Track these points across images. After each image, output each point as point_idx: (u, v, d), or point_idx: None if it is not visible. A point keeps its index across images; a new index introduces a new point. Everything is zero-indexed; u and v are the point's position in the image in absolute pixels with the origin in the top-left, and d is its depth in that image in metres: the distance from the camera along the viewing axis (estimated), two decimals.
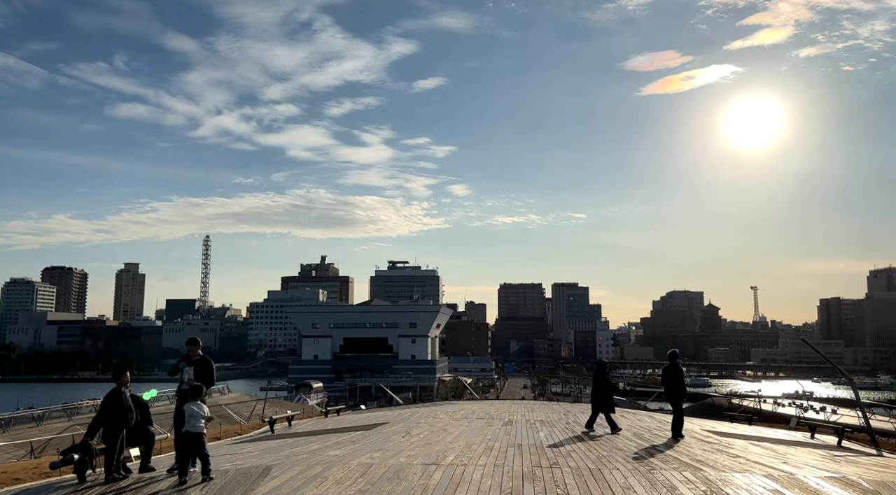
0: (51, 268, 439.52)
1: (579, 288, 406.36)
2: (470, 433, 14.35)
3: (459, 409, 22.20)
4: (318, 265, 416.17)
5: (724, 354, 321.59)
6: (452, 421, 17.84)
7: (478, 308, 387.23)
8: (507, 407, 23.93)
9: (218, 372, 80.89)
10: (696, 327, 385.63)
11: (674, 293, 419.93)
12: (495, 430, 15.03)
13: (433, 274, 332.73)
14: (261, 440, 16.77)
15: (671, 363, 15.53)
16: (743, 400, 74.40)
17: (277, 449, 12.69)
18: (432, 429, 15.31)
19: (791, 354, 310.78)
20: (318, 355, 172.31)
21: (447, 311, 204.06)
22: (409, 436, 13.73)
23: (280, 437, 16.95)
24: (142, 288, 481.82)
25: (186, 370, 12.27)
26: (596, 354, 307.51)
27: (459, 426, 16.44)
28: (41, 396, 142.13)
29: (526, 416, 19.64)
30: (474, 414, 20.00)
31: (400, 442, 12.36)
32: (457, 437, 13.47)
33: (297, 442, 14.56)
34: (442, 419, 18.60)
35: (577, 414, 20.54)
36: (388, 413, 23.31)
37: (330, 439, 14.31)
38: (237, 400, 72.47)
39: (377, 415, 22.11)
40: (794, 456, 12.39)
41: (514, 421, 17.84)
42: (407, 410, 22.88)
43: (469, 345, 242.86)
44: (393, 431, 15.15)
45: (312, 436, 15.55)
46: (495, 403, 27.61)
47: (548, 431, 15.10)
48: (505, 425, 16.78)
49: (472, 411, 21.17)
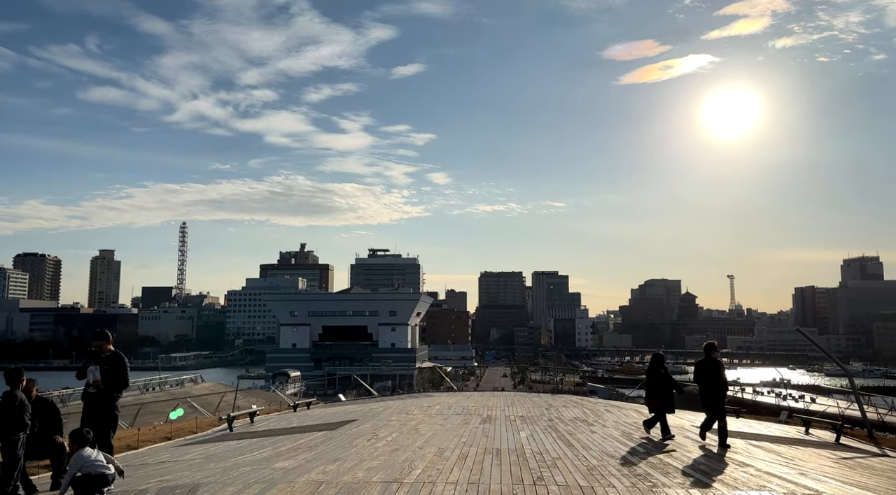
0: (23, 255, 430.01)
1: (559, 276, 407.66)
2: (444, 434, 12.88)
3: (435, 403, 20.76)
4: (297, 253, 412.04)
5: (701, 342, 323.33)
6: (426, 418, 16.39)
7: (458, 296, 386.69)
8: (486, 400, 22.54)
9: (195, 360, 78.81)
10: (674, 315, 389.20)
11: (652, 281, 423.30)
12: (472, 430, 13.58)
13: (414, 262, 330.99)
14: (213, 441, 15.17)
15: (707, 356, 12.96)
16: None
17: (222, 457, 11.13)
18: (402, 430, 13.84)
19: (766, 342, 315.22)
20: (296, 343, 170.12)
21: (427, 299, 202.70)
22: (375, 439, 12.22)
23: (236, 438, 15.37)
24: (117, 275, 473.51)
25: (91, 369, 10.48)
26: (575, 342, 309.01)
27: (433, 424, 14.99)
28: None
29: (505, 411, 18.25)
30: (450, 409, 18.56)
31: (363, 449, 10.84)
32: (428, 440, 11.99)
33: (251, 445, 13.02)
34: (415, 415, 17.13)
35: (560, 408, 19.21)
36: (359, 407, 21.80)
37: (286, 442, 12.78)
38: (210, 390, 70.43)
39: (348, 410, 20.58)
40: (804, 461, 11.13)
41: (493, 418, 16.43)
42: (380, 404, 21.41)
43: (449, 334, 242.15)
44: (359, 432, 13.65)
45: (269, 438, 14.02)
46: (473, 395, 26.25)
47: (529, 430, 13.68)
48: (483, 423, 15.36)
49: (448, 405, 19.74)
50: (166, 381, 71.71)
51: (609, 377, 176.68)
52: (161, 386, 69.10)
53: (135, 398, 60.83)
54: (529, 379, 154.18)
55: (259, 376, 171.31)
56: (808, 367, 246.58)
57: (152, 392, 65.27)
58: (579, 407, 19.20)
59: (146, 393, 64.01)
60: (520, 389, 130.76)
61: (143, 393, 63.20)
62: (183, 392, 68.68)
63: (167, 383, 71.71)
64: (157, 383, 70.18)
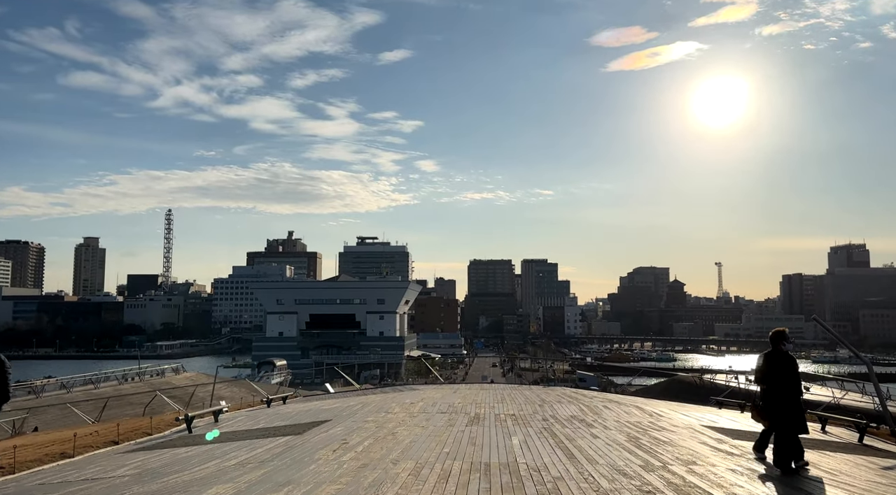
0: (5, 242, 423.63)
1: (548, 264, 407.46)
2: (424, 441, 11.13)
3: (419, 399, 19.04)
4: (284, 240, 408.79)
5: (689, 329, 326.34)
6: (407, 419, 14.65)
7: (448, 284, 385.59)
8: (474, 395, 20.85)
9: (181, 349, 76.21)
10: (662, 303, 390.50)
11: (640, 269, 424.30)
12: (457, 435, 11.85)
13: (403, 250, 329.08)
14: (162, 447, 13.35)
15: (775, 349, 9.41)
16: (714, 377, 73.23)
17: (156, 475, 9.31)
18: (378, 434, 12.09)
19: (754, 329, 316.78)
20: (283, 332, 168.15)
21: (416, 287, 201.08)
22: (343, 450, 10.44)
23: (189, 443, 13.57)
24: (102, 263, 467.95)
25: None
26: (564, 330, 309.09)
27: (414, 427, 13.25)
28: None
29: (495, 409, 16.56)
30: (435, 407, 16.83)
31: (325, 464, 9.06)
32: (406, 450, 10.22)
33: (199, 455, 11.24)
34: (395, 415, 15.38)
35: (554, 404, 17.54)
36: (337, 403, 20.03)
37: (240, 453, 10.99)
38: (192, 380, 68.21)
39: (323, 408, 18.82)
40: (847, 474, 9.48)
41: (481, 418, 14.72)
42: (358, 400, 19.67)
43: (438, 322, 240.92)
44: (328, 438, 11.87)
45: (224, 445, 12.25)
46: (461, 389, 24.54)
47: (522, 435, 11.97)
48: (470, 424, 13.64)
49: (433, 401, 18.02)
50: (146, 371, 69.47)
51: (598, 364, 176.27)
52: (140, 377, 66.88)
53: (113, 388, 58.76)
54: (519, 368, 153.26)
55: (245, 364, 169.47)
56: (796, 354, 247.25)
57: (131, 382, 63.12)
58: (575, 404, 17.56)
59: (125, 383, 61.88)
60: (509, 378, 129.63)
61: (122, 384, 61.10)
62: (163, 382, 66.62)
63: (147, 373, 69.47)
64: (136, 373, 67.94)
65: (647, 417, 15.23)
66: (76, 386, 56.40)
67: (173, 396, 56.48)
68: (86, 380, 59.00)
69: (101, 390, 56.17)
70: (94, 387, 56.95)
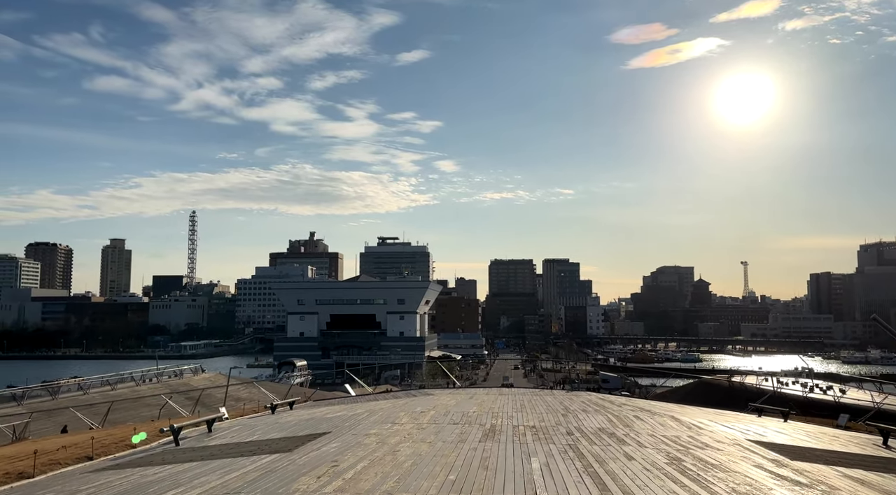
0: (35, 244, 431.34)
1: (570, 263, 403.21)
2: (428, 463, 9.75)
3: (431, 407, 17.65)
4: (306, 241, 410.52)
5: (714, 329, 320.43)
6: (414, 432, 13.27)
7: (468, 284, 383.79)
8: (492, 401, 19.39)
9: (205, 349, 75.33)
10: (687, 302, 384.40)
11: (664, 268, 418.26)
12: (467, 455, 10.45)
13: (423, 250, 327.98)
14: (135, 465, 12.16)
15: None
16: (744, 379, 70.60)
17: None
18: (377, 453, 10.73)
19: (781, 329, 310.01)
20: (304, 332, 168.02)
21: (436, 287, 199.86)
22: (330, 474, 9.11)
23: (164, 462, 12.31)
24: (128, 264, 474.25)
25: None
26: (587, 330, 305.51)
27: (419, 443, 11.87)
28: (20, 374, 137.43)
29: (513, 420, 15.11)
30: (447, 416, 15.42)
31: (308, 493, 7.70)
32: (404, 476, 8.84)
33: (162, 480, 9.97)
34: (402, 426, 14.02)
35: (579, 414, 16.01)
36: (342, 411, 18.70)
37: (211, 478, 9.71)
38: (211, 381, 67.58)
39: (326, 417, 17.50)
40: None
41: (497, 431, 13.29)
42: (366, 408, 18.33)
43: (459, 322, 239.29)
44: (319, 457, 10.54)
45: (202, 464, 11.04)
46: (478, 394, 23.08)
47: (544, 455, 10.51)
48: (484, 439, 12.23)
49: (446, 410, 16.61)
50: (164, 372, 68.87)
51: (622, 365, 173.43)
52: (158, 378, 66.21)
53: (130, 389, 58.17)
54: (540, 368, 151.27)
55: (268, 364, 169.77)
56: (825, 355, 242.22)
57: (148, 384, 62.52)
58: (602, 413, 16.02)
59: (142, 384, 61.32)
60: (531, 379, 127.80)
61: (139, 385, 60.55)
62: (181, 383, 66.02)
63: (165, 374, 68.85)
64: (154, 374, 67.31)
65: (686, 430, 13.65)
66: (93, 388, 55.81)
67: (192, 398, 55.73)
68: (103, 381, 58.41)
69: (117, 391, 55.56)
70: (111, 389, 56.34)
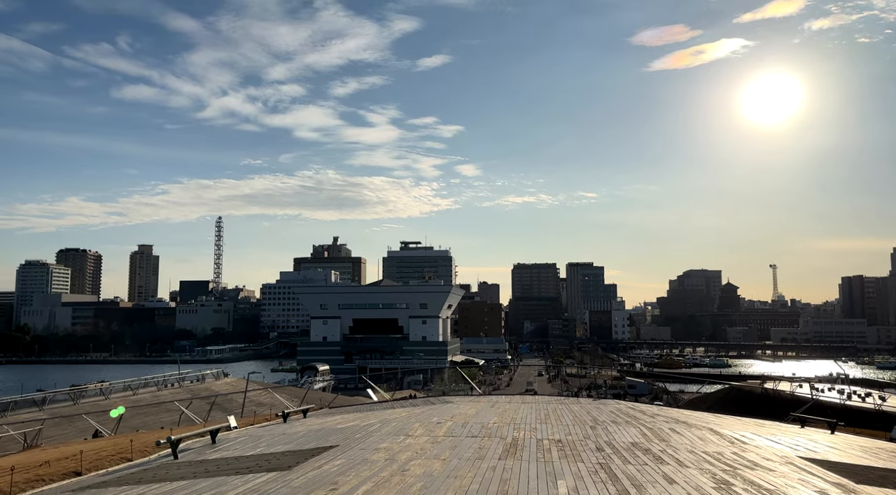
0: (65, 251, 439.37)
1: (594, 267, 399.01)
2: (441, 483, 8.77)
3: (449, 416, 16.62)
4: (330, 246, 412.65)
5: (743, 334, 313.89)
6: (428, 446, 12.27)
7: (491, 288, 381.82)
8: (514, 410, 18.31)
9: (231, 353, 74.84)
10: (714, 306, 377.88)
11: (691, 272, 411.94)
12: (485, 475, 9.43)
13: (446, 254, 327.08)
14: (116, 485, 11.33)
15: None
16: (777, 385, 68.34)
17: None
18: (383, 472, 9.76)
19: (812, 333, 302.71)
20: (327, 336, 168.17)
21: (459, 292, 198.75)
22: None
23: (155, 480, 11.47)
24: (156, 269, 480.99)
25: None
26: (612, 334, 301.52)
27: (433, 459, 10.86)
28: (50, 378, 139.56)
29: (537, 433, 14.02)
30: (465, 428, 14.38)
31: None
32: None
33: None
34: (415, 439, 13.02)
35: (608, 426, 14.85)
36: (354, 421, 17.73)
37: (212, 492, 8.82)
38: (232, 387, 67.11)
39: (338, 426, 16.56)
40: None
41: (519, 446, 12.24)
42: (380, 418, 17.36)
43: (482, 326, 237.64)
44: (317, 479, 9.58)
45: (192, 484, 10.17)
46: (500, 402, 21.94)
47: (572, 476, 9.41)
48: (504, 456, 11.18)
49: (464, 420, 15.57)
50: (186, 376, 68.62)
51: (648, 371, 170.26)
52: (180, 382, 65.99)
53: (151, 394, 57.96)
54: (565, 373, 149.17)
55: (291, 369, 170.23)
56: (859, 360, 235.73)
57: (170, 388, 62.31)
58: (635, 425, 14.86)
59: (164, 389, 61.12)
60: (555, 384, 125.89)
61: (161, 390, 60.35)
62: (202, 388, 65.76)
63: (187, 378, 68.60)
64: (176, 378, 67.13)
65: (728, 445, 12.43)
66: (115, 393, 55.60)
67: (215, 403, 55.26)
68: (125, 386, 58.20)
69: (138, 396, 55.29)
70: (133, 394, 56.07)
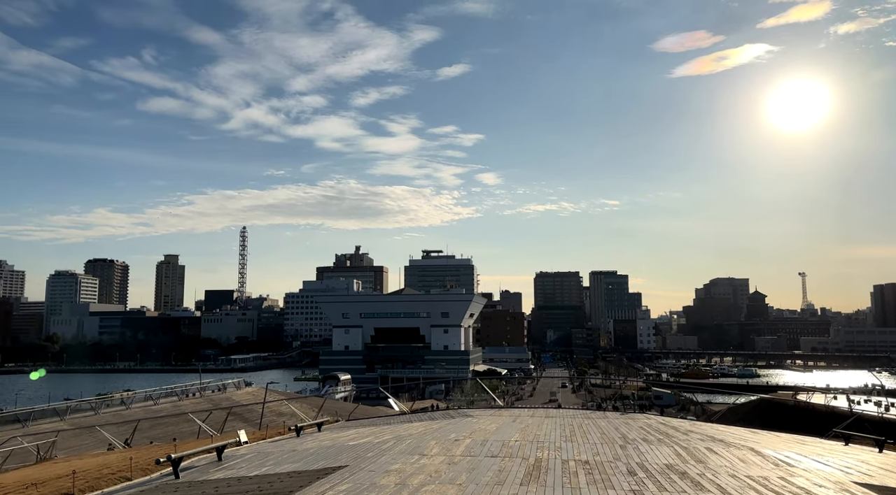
0: (93, 261, 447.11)
1: (618, 275, 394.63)
2: None
3: (468, 433, 15.65)
4: (352, 255, 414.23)
5: (772, 343, 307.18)
6: (443, 467, 11.33)
7: (513, 297, 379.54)
8: (537, 426, 17.30)
9: (254, 362, 74.70)
10: (742, 315, 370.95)
11: (717, 280, 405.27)
12: None
13: (468, 263, 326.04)
14: None
15: None
16: (811, 396, 65.94)
17: None
18: None
19: (843, 343, 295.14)
20: (349, 345, 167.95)
21: (481, 300, 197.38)
22: None
23: None
24: (182, 279, 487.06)
25: None
26: (637, 344, 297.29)
27: (448, 483, 9.93)
28: (77, 386, 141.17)
29: (562, 452, 13.01)
30: (484, 447, 13.41)
31: None
32: None
33: None
34: (431, 459, 12.09)
35: (640, 444, 13.75)
36: (368, 437, 16.82)
37: None
38: (253, 396, 66.64)
39: (349, 443, 15.67)
40: None
41: (544, 467, 11.26)
42: (394, 433, 16.43)
43: (504, 335, 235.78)
44: None
45: None
46: (522, 416, 20.87)
47: None
48: (526, 479, 10.20)
49: (484, 437, 14.57)
50: (207, 386, 68.44)
51: (675, 381, 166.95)
52: (202, 392, 65.82)
53: (172, 404, 57.72)
54: (589, 384, 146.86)
55: (314, 378, 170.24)
56: (893, 370, 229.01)
57: (191, 398, 62.11)
58: (668, 443, 13.76)
59: (184, 399, 60.92)
60: (579, 395, 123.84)
61: (182, 400, 60.15)
62: (223, 398, 65.47)
63: (208, 388, 68.44)
64: (197, 388, 67.00)
65: (773, 468, 11.31)
66: (137, 403, 55.42)
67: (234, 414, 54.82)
68: (146, 396, 58.04)
69: (159, 406, 55.04)
70: (154, 404, 55.90)
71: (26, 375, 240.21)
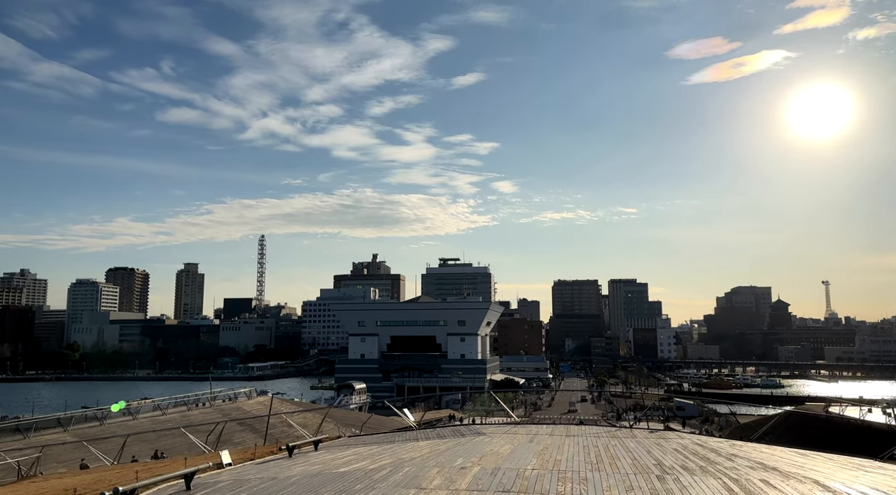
0: (114, 269, 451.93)
1: (638, 284, 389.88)
2: None
3: (477, 457, 13.81)
4: (369, 263, 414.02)
5: (796, 353, 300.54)
6: None
7: (531, 305, 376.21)
8: (557, 447, 15.42)
9: (272, 370, 73.07)
10: (765, 324, 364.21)
11: (739, 289, 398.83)
12: None
13: (485, 271, 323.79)
14: None
15: None
16: (843, 409, 62.96)
17: None
18: None
19: (869, 352, 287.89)
20: (365, 354, 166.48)
21: (498, 308, 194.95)
22: None
23: None
24: (201, 287, 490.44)
25: None
26: (657, 353, 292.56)
27: None
28: (95, 394, 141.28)
29: (588, 484, 11.08)
30: (496, 476, 11.55)
31: None
32: None
33: None
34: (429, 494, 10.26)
35: (681, 477, 11.72)
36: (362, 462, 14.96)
37: None
38: (264, 407, 64.99)
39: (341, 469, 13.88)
40: None
41: None
42: (393, 457, 14.57)
43: (522, 344, 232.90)
44: None
45: None
46: (540, 434, 18.91)
47: None
48: None
49: (495, 465, 12.69)
50: (217, 395, 67.04)
51: (697, 391, 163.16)
52: (212, 402, 64.48)
53: (181, 415, 56.34)
54: (609, 393, 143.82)
55: (330, 386, 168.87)
56: None
57: (201, 408, 60.79)
58: (712, 473, 11.81)
59: (194, 409, 59.61)
60: (598, 405, 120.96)
61: (191, 410, 58.84)
62: (233, 408, 64.07)
63: (219, 397, 67.05)
64: (208, 398, 65.69)
65: None
66: (144, 413, 54.11)
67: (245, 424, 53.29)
68: (155, 406, 56.71)
69: (167, 416, 53.66)
70: (162, 414, 54.52)
71: (46, 382, 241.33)
